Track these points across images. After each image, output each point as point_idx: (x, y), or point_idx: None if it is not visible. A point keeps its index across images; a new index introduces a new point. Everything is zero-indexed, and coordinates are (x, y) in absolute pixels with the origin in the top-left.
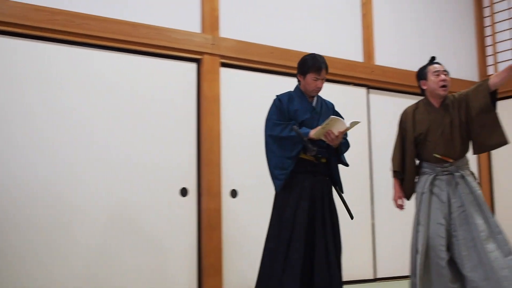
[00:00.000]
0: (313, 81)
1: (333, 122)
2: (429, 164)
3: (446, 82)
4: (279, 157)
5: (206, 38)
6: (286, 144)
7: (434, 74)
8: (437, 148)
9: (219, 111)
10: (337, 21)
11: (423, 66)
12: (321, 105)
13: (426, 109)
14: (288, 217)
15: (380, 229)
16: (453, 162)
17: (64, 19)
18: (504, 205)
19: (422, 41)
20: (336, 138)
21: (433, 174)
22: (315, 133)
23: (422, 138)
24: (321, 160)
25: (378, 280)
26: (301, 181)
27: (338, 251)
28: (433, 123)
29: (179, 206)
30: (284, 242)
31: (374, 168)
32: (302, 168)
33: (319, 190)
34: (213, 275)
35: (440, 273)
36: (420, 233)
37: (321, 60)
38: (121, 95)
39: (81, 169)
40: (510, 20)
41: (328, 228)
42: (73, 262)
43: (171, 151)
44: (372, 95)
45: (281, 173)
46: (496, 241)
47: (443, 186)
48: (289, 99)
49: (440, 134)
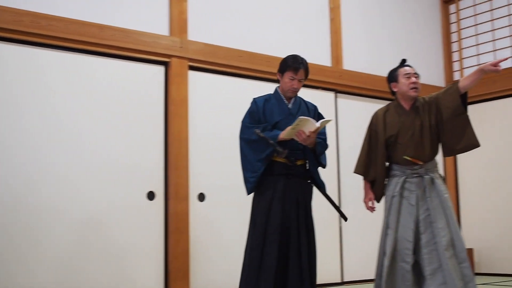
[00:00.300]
0: (289, 80)
1: (303, 123)
2: (399, 166)
3: (417, 85)
4: (250, 160)
5: (174, 41)
6: (257, 147)
7: (405, 76)
8: (407, 151)
9: (187, 114)
10: (306, 26)
11: (394, 69)
12: (299, 107)
13: (397, 111)
14: (261, 221)
15: (348, 233)
16: (422, 164)
17: (29, 20)
18: (469, 208)
19: (391, 46)
20: (307, 138)
21: (403, 176)
22: (285, 134)
23: (393, 141)
24: (297, 163)
25: (346, 284)
26: (273, 183)
27: (312, 256)
28: (403, 126)
29: (146, 209)
30: (258, 247)
31: (341, 171)
32: (275, 171)
33: (293, 192)
34: (180, 279)
35: (404, 277)
36: (389, 236)
37: (301, 61)
38: (86, 97)
39: (45, 172)
40: (475, 26)
41: (303, 231)
42: (37, 266)
43: (138, 154)
44: (340, 99)
45: (251, 176)
46: (454, 248)
47: (412, 189)
48: (265, 101)
49: (410, 137)
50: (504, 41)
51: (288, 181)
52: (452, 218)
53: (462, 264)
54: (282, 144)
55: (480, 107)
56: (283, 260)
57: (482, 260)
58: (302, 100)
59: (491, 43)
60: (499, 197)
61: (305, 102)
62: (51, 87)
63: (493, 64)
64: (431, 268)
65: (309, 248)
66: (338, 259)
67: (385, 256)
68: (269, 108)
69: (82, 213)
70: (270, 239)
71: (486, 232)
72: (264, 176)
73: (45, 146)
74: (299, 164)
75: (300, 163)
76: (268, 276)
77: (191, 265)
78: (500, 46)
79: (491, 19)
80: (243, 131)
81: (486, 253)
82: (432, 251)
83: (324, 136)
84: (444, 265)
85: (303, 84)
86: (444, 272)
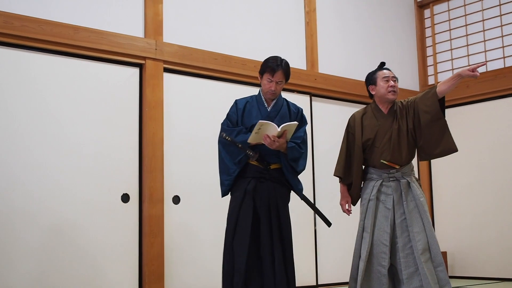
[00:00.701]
0: (267, 82)
1: (264, 127)
2: (375, 170)
3: (395, 88)
4: (226, 163)
5: (149, 43)
6: (232, 151)
7: (383, 79)
8: (384, 154)
9: (162, 117)
10: (281, 29)
11: (373, 72)
12: (279, 110)
13: (374, 114)
14: (232, 222)
15: (322, 235)
16: (399, 168)
17: (2, 20)
18: (443, 211)
19: (366, 50)
20: (273, 142)
21: (380, 180)
22: (250, 138)
23: (370, 144)
24: (271, 167)
25: (320, 287)
26: (244, 185)
27: (288, 259)
28: (381, 129)
29: (121, 212)
30: (230, 247)
31: (316, 174)
32: (248, 173)
33: (264, 195)
34: (154, 282)
35: (380, 280)
36: (365, 240)
37: (280, 62)
38: (61, 99)
39: (19, 173)
40: (450, 31)
41: (275, 235)
42: (8, 268)
43: (113, 157)
44: (315, 102)
45: (226, 179)
46: (430, 251)
47: (389, 193)
48: (247, 103)
49: (388, 140)
50: (478, 46)
51: (260, 184)
52: (428, 222)
53: (438, 268)
54: (254, 147)
55: (453, 111)
56: (255, 260)
57: (456, 263)
58: (286, 102)
59: (465, 48)
60: (472, 201)
61: (288, 105)
62: (24, 88)
63: (470, 70)
64: (407, 272)
65: (283, 251)
66: (313, 262)
67: (360, 259)
68: (248, 110)
69: (55, 214)
70: (240, 240)
71: (460, 235)
72: (237, 178)
73: (17, 147)
74: (273, 168)
75: (275, 167)
76: (239, 277)
77: (166, 268)
78: (474, 51)
79: (465, 24)
80: (220, 134)
81: (459, 256)
82: (408, 255)
83: (300, 140)
84: (420, 269)
85: (283, 87)
86: (420, 276)
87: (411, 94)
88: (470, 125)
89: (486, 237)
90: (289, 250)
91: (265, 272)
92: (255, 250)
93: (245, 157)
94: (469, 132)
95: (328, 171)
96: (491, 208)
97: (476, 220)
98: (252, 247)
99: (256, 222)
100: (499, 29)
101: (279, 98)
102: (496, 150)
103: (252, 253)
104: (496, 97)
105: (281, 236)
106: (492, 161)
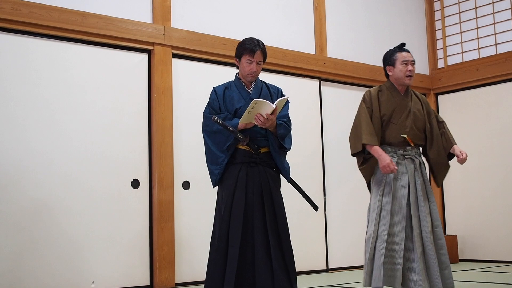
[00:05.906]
0: (247, 64)
1: (258, 105)
2: (391, 147)
3: (412, 73)
4: (213, 152)
5: (157, 28)
6: (219, 138)
7: (402, 63)
8: (401, 130)
9: (171, 103)
10: (290, 13)
11: (392, 51)
12: (260, 91)
13: (391, 92)
14: (225, 211)
15: (332, 220)
16: (413, 147)
17: (10, 7)
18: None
19: (375, 34)
20: (266, 120)
21: (395, 157)
22: (243, 119)
23: (386, 120)
24: (260, 150)
25: (331, 271)
26: (236, 172)
27: (285, 244)
28: (398, 107)
29: (131, 198)
30: (223, 238)
31: (326, 159)
32: (237, 159)
33: (256, 180)
34: (165, 267)
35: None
36: (384, 218)
37: (257, 42)
38: (70, 86)
39: (28, 161)
40: (459, 14)
41: (270, 221)
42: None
43: (123, 143)
44: (324, 87)
45: (216, 168)
46: (434, 233)
47: (404, 171)
48: (226, 89)
49: (405, 117)
50: (488, 29)
51: (251, 169)
52: (434, 205)
53: (441, 251)
54: (243, 131)
55: (463, 94)
56: (249, 250)
57: (466, 247)
58: (264, 83)
59: (475, 30)
60: (482, 185)
61: (267, 86)
62: (32, 75)
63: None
64: (418, 252)
65: (278, 236)
66: (323, 246)
67: (378, 240)
68: (229, 96)
69: (65, 202)
70: (234, 230)
71: (470, 219)
72: (228, 165)
73: (27, 134)
74: (263, 152)
75: (264, 151)
76: (232, 268)
77: (176, 254)
78: (484, 34)
79: (475, 7)
80: (204, 122)
81: (469, 240)
82: (418, 234)
83: (286, 118)
84: (427, 249)
85: (262, 67)
86: (426, 257)
87: (420, 77)
88: (480, 108)
89: (496, 220)
90: (285, 234)
91: (257, 261)
92: (246, 239)
93: (234, 143)
94: (479, 115)
95: (338, 154)
96: (501, 192)
97: (486, 204)
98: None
99: (249, 210)
100: (509, 11)
101: (257, 81)
102: (506, 133)
103: (244, 243)
104: (506, 80)
105: (275, 220)
106: (502, 144)
